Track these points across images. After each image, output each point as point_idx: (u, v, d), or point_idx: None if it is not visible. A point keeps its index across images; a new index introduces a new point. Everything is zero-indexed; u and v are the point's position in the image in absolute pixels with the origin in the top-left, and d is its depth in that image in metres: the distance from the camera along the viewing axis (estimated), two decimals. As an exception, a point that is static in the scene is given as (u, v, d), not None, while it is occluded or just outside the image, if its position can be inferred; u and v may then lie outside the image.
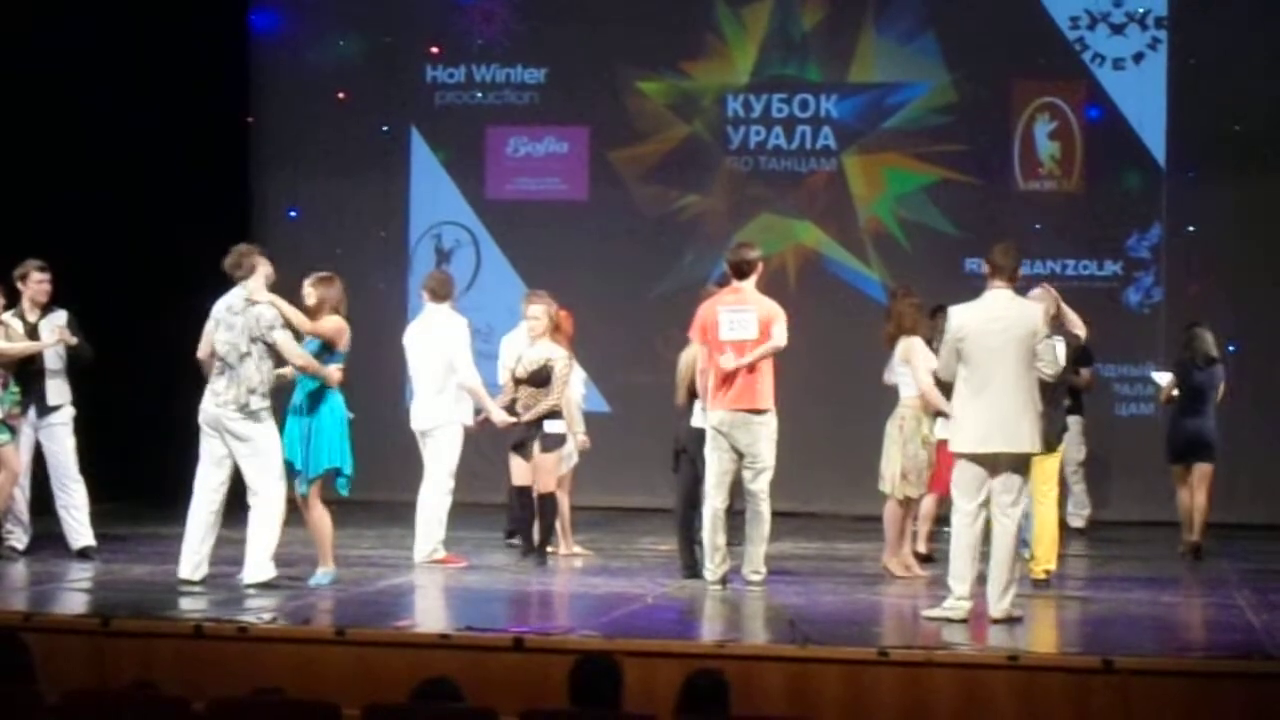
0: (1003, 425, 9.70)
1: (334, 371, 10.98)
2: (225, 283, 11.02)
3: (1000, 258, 9.93)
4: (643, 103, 17.02)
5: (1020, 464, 9.81)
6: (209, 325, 10.89)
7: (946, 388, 10.41)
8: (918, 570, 12.02)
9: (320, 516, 11.06)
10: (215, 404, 10.77)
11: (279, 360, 10.84)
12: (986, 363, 9.72)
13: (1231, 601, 10.93)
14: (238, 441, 10.74)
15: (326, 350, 11.00)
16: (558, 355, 12.25)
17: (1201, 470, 13.50)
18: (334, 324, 11.05)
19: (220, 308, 10.87)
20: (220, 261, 11.02)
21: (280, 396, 11.10)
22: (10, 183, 14.83)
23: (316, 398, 10.96)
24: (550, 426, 12.21)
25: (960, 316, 9.88)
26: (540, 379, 12.20)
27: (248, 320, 10.73)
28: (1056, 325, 11.60)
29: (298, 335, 10.91)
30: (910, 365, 11.91)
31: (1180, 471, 13.67)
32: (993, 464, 9.80)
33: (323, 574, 11.06)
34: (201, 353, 10.93)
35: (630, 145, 17.03)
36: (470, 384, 12.24)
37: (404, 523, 12.61)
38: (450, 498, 12.26)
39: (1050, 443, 10.89)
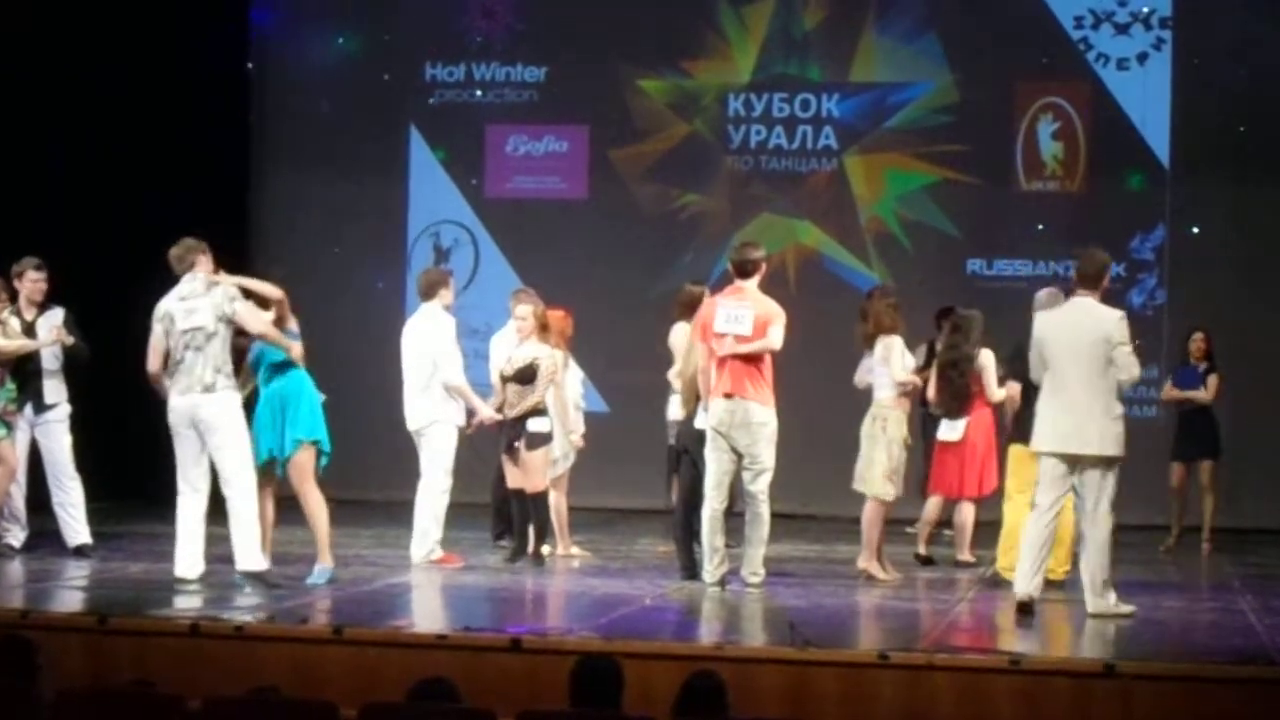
0: (1077, 428, 10.11)
1: (296, 345, 10.96)
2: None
3: (1084, 265, 10.40)
4: (643, 101, 16.98)
5: (1098, 466, 10.15)
6: (156, 334, 10.75)
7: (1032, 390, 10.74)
8: (895, 572, 11.96)
9: (317, 505, 11.02)
10: (180, 395, 10.68)
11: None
12: (1062, 367, 10.17)
13: (1235, 606, 10.89)
14: (210, 432, 10.66)
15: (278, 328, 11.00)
16: (543, 354, 12.19)
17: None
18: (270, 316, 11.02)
19: (168, 307, 10.75)
20: (220, 261, 11.01)
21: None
22: (9, 181, 14.79)
23: (286, 382, 10.94)
24: (534, 425, 12.14)
25: (1040, 321, 10.40)
26: (525, 378, 12.15)
27: (213, 299, 10.67)
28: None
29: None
30: (888, 364, 11.87)
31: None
32: (1073, 464, 10.19)
33: (320, 571, 11.02)
34: (153, 366, 10.76)
35: (630, 144, 16.99)
36: (453, 382, 12.15)
37: (401, 522, 12.56)
38: (447, 497, 12.21)
39: None
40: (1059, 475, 10.23)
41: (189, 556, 10.78)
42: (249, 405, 10.99)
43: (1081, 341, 10.11)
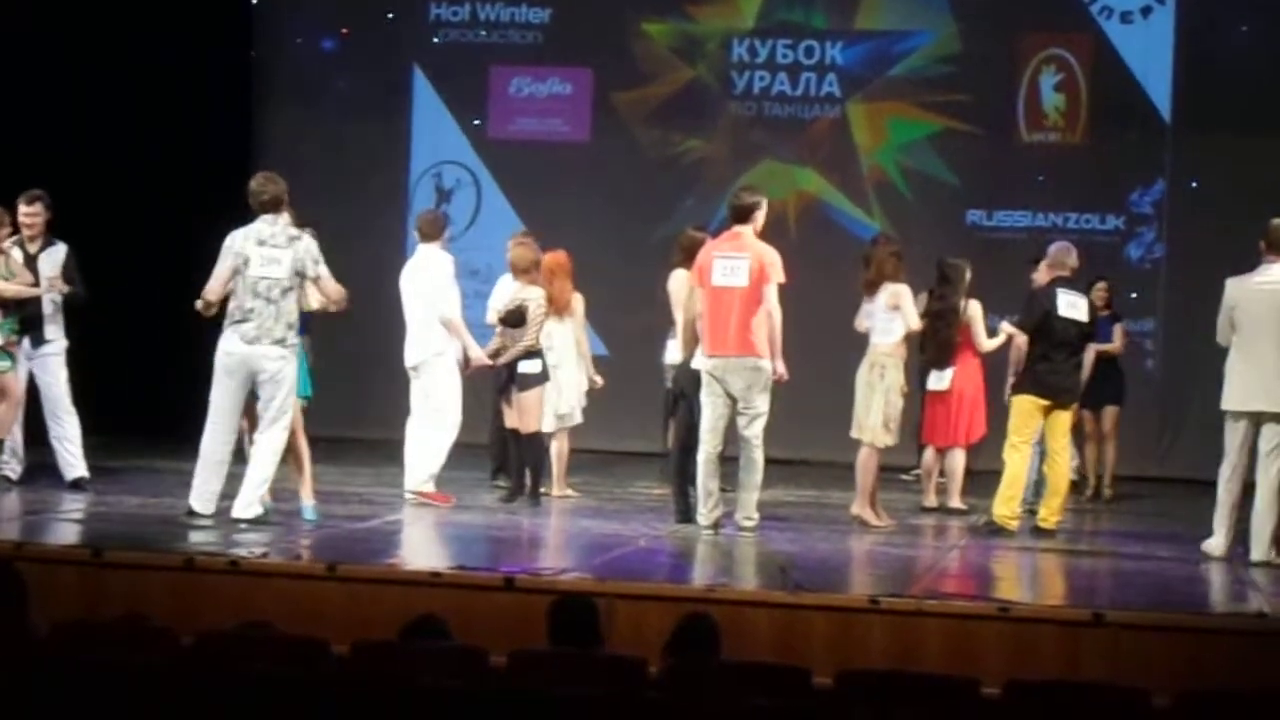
0: (1265, 387, 10.41)
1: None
2: (224, 218, 10.95)
3: (1273, 233, 10.73)
4: (647, 45, 16.96)
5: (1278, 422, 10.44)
6: (224, 267, 10.51)
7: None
8: (888, 518, 12.00)
9: (303, 446, 11.07)
10: (246, 343, 10.46)
11: None
12: (1252, 330, 10.51)
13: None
14: (269, 381, 10.49)
15: None
16: (532, 297, 12.22)
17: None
18: None
19: (245, 249, 10.51)
20: (221, 196, 10.99)
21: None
22: (14, 120, 14.79)
23: None
24: (525, 366, 12.17)
25: (1232, 286, 10.71)
26: (515, 321, 12.18)
27: (296, 253, 10.56)
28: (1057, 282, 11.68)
29: None
30: (901, 310, 11.86)
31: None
32: (1257, 420, 10.48)
33: (309, 506, 11.02)
34: (213, 295, 10.52)
35: (634, 88, 16.98)
36: (447, 316, 12.14)
37: (399, 461, 12.59)
38: (455, 431, 12.21)
39: (1073, 396, 11.72)
40: (1243, 435, 10.54)
41: (208, 494, 10.61)
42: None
43: (1273, 305, 10.45)
